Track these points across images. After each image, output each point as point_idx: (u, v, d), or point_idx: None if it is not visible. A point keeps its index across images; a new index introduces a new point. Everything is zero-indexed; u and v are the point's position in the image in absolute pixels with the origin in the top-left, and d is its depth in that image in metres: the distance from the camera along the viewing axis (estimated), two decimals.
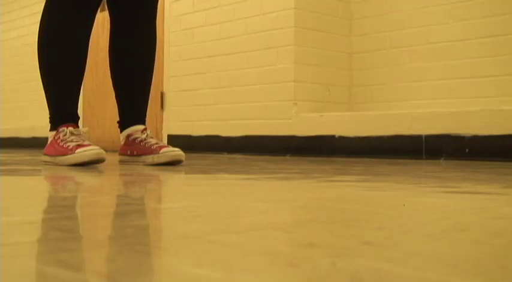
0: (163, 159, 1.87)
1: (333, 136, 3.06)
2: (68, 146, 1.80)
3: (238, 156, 3.16)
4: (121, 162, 2.05)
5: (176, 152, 1.90)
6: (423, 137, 2.74)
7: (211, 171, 1.58)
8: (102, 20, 4.71)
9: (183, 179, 1.35)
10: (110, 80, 2.24)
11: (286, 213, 0.69)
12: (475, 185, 1.08)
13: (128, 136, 2.04)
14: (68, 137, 1.84)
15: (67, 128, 1.88)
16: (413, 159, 2.69)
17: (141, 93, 2.12)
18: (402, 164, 2.17)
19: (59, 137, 1.86)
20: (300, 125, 3.20)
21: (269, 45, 3.38)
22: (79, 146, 1.77)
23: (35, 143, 5.21)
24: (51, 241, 0.45)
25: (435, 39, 3.18)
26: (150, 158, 1.92)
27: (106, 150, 1.88)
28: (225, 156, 3.16)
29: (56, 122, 1.94)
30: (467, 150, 2.59)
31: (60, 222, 0.56)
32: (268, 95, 3.36)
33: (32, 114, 5.76)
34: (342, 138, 3.03)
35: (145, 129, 2.04)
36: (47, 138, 1.97)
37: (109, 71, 2.21)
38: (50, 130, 1.96)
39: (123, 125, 2.10)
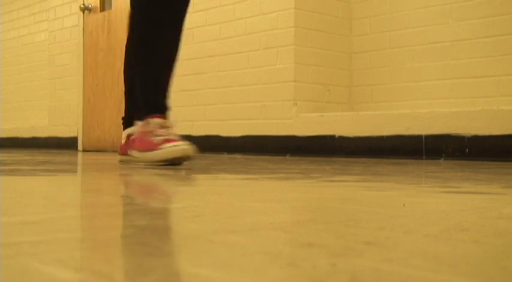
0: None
1: (333, 136, 3.06)
2: (154, 140, 1.72)
3: (238, 156, 3.16)
4: (121, 162, 2.04)
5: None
6: (423, 137, 2.74)
7: (211, 171, 1.58)
8: (102, 21, 4.71)
9: (183, 179, 1.35)
10: (110, 80, 2.21)
11: (286, 213, 0.69)
12: (475, 185, 1.08)
13: (129, 135, 2.04)
14: (156, 130, 1.75)
15: (155, 119, 1.79)
16: (413, 159, 2.69)
17: None
18: (402, 164, 2.17)
19: (147, 129, 1.79)
20: (300, 125, 3.20)
21: (269, 45, 3.38)
22: (166, 140, 1.69)
23: (35, 143, 5.21)
24: (51, 241, 0.45)
25: (435, 39, 3.18)
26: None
27: (106, 150, 1.87)
28: (225, 156, 3.16)
29: (144, 112, 1.85)
30: (467, 150, 2.59)
31: (60, 222, 0.56)
32: (268, 95, 3.36)
33: (32, 114, 5.76)
34: (342, 138, 3.03)
35: None
36: (46, 138, 1.97)
37: (109, 71, 2.18)
38: (136, 119, 1.89)
39: (126, 123, 2.08)
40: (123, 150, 2.04)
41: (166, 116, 1.84)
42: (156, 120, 1.78)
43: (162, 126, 1.77)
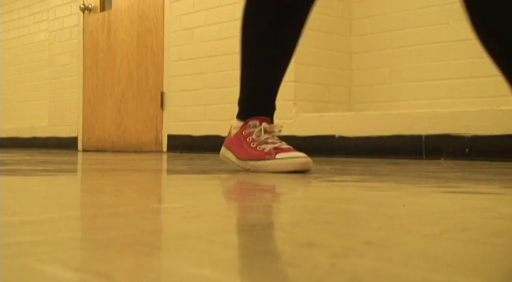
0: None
1: (333, 136, 3.06)
2: (264, 148, 1.52)
3: None
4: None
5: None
6: (423, 137, 2.74)
7: (211, 171, 1.58)
8: (102, 21, 4.70)
9: (183, 179, 1.35)
10: (110, 80, 2.18)
11: (286, 213, 0.69)
12: (475, 185, 1.08)
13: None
14: (262, 137, 1.55)
15: (260, 123, 1.57)
16: (413, 159, 2.69)
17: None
18: (402, 164, 2.17)
19: (251, 134, 1.56)
20: (300, 125, 3.20)
21: None
22: (278, 149, 1.50)
23: (35, 143, 5.21)
24: (51, 241, 0.45)
25: (435, 39, 3.18)
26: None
27: (106, 150, 1.86)
28: None
29: (247, 112, 1.61)
30: (467, 150, 2.59)
31: (60, 222, 0.56)
32: None
33: (32, 114, 5.75)
34: (341, 138, 3.03)
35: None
36: (46, 138, 1.95)
37: (109, 71, 2.12)
38: (237, 117, 1.64)
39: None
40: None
41: (272, 119, 1.62)
42: (262, 125, 1.57)
43: (267, 132, 1.56)
